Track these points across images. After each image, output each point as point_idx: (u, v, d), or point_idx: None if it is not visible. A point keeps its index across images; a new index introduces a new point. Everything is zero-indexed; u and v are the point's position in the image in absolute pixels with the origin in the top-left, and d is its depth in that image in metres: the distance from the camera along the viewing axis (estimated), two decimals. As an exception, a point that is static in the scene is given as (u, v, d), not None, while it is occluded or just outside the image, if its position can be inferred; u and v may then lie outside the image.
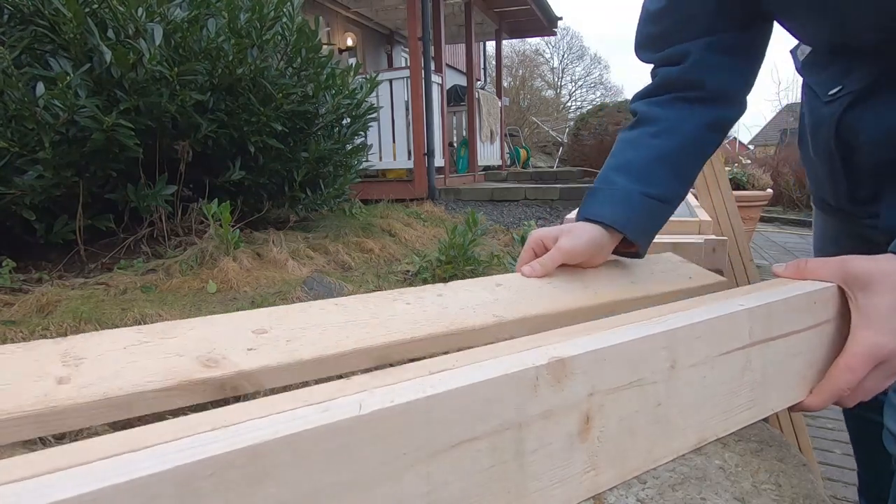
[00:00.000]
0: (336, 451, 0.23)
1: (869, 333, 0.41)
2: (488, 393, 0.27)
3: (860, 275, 0.43)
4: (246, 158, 3.01)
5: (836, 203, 0.72)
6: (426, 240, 3.86)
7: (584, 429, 0.31)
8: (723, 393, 0.39)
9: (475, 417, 0.27)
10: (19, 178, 2.12)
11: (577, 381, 0.31)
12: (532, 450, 0.29)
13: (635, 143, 0.62)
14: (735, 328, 0.39)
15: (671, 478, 0.37)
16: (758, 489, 0.40)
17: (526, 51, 20.79)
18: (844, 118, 0.61)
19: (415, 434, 0.25)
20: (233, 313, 0.42)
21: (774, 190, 5.77)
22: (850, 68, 0.62)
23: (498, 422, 0.28)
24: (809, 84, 0.70)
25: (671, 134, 0.60)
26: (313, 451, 0.22)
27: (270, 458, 0.21)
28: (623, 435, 0.33)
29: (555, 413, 0.30)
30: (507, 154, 8.96)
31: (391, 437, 0.24)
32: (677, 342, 0.35)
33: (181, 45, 2.54)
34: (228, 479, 0.20)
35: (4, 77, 1.97)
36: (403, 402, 0.25)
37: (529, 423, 0.29)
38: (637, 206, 0.57)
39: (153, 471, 0.19)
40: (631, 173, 0.59)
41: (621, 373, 0.33)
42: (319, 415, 0.23)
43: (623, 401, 0.33)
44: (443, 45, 6.11)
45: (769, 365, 0.41)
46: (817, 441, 1.81)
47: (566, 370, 0.30)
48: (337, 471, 0.23)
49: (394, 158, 5.73)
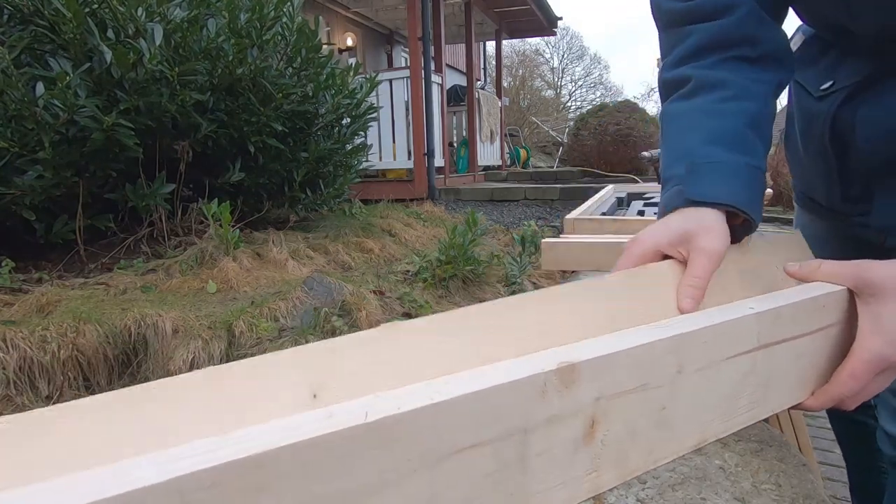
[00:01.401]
0: (341, 459, 0.22)
1: (878, 341, 0.41)
2: (495, 399, 0.27)
3: (877, 281, 0.42)
4: (246, 158, 3.01)
5: (827, 203, 0.70)
6: (426, 240, 3.86)
7: (589, 433, 0.31)
8: (726, 395, 0.38)
9: (481, 424, 0.26)
10: (19, 178, 2.12)
11: (584, 386, 0.30)
12: (536, 454, 0.29)
13: (713, 111, 0.53)
14: (743, 332, 0.38)
15: (671, 478, 0.37)
16: (758, 489, 0.40)
17: (526, 51, 20.80)
18: (840, 114, 0.60)
19: (420, 441, 0.24)
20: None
21: (774, 190, 5.76)
22: (842, 62, 0.60)
23: (503, 428, 0.27)
24: (798, 80, 0.68)
25: (748, 98, 0.52)
26: (317, 459, 0.22)
27: (273, 467, 0.20)
28: (626, 438, 0.33)
29: (561, 418, 0.30)
30: (507, 154, 8.96)
31: (396, 444, 0.24)
32: (685, 347, 0.35)
33: (181, 45, 2.54)
34: (230, 489, 0.20)
35: (4, 77, 1.97)
36: (410, 409, 0.24)
37: (535, 429, 0.29)
38: (748, 180, 0.49)
39: (151, 482, 0.18)
40: (727, 144, 0.50)
41: (628, 378, 0.32)
42: (324, 422, 0.23)
43: (628, 405, 0.33)
44: (443, 45, 6.11)
45: (774, 367, 0.41)
46: (817, 441, 1.81)
47: (575, 375, 0.30)
48: (340, 479, 0.22)
49: (394, 158, 5.72)
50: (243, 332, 1.87)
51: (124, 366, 1.81)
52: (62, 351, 1.66)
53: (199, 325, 1.87)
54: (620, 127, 8.13)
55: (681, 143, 0.53)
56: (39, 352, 1.63)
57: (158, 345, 1.81)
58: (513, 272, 2.87)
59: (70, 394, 1.65)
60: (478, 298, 2.69)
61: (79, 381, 1.69)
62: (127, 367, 1.81)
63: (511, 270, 2.88)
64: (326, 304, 2.10)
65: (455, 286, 2.69)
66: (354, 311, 2.08)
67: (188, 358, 1.75)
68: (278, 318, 1.99)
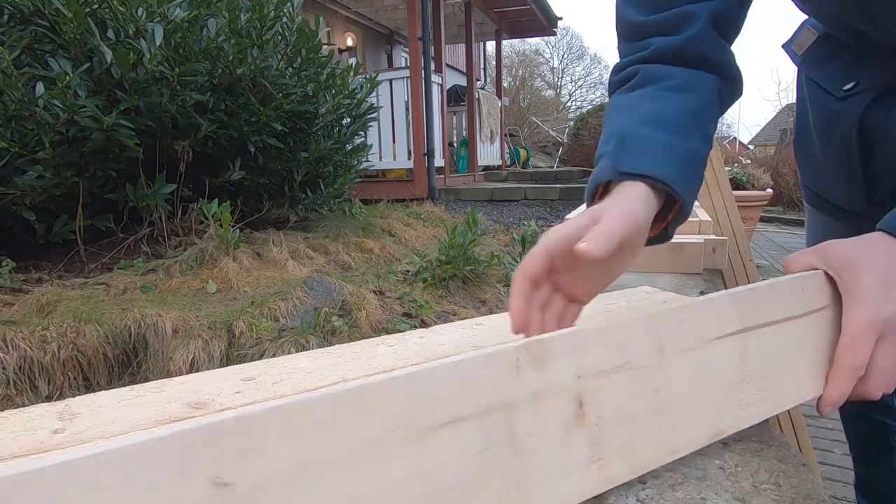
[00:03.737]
0: (323, 422, 0.24)
1: (858, 309, 0.41)
2: (469, 371, 0.28)
3: (842, 257, 0.43)
4: (246, 158, 3.01)
5: (849, 206, 0.67)
6: (426, 240, 3.86)
7: (579, 413, 0.32)
8: (727, 381, 0.38)
9: (460, 395, 0.27)
10: (19, 178, 2.12)
11: (560, 363, 0.31)
12: (527, 433, 0.29)
13: (654, 96, 0.51)
14: (720, 312, 0.38)
15: (671, 478, 0.37)
16: (758, 489, 0.40)
17: (526, 51, 20.81)
18: (869, 115, 0.57)
19: (402, 410, 0.26)
20: (223, 368, 0.48)
21: (774, 190, 5.77)
22: (863, 61, 0.58)
23: (484, 401, 0.28)
24: (813, 79, 0.66)
25: (693, 90, 0.51)
26: (302, 421, 0.23)
27: (261, 427, 0.22)
28: (624, 423, 0.33)
29: (544, 395, 0.30)
30: (507, 154, 8.96)
31: (377, 411, 0.25)
32: (657, 326, 0.35)
33: (181, 45, 2.54)
34: (223, 446, 0.21)
35: (4, 77, 1.97)
36: (386, 377, 0.25)
37: (518, 405, 0.29)
38: (682, 159, 0.47)
39: (153, 436, 0.20)
40: (666, 127, 0.48)
41: (607, 356, 0.33)
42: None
43: (615, 385, 0.33)
44: (443, 45, 6.11)
45: (771, 353, 0.41)
46: (817, 441, 1.81)
47: (546, 351, 0.31)
48: (327, 444, 0.24)
49: (394, 158, 5.73)
50: (243, 332, 1.87)
51: (124, 366, 1.81)
52: (62, 351, 1.66)
53: (199, 325, 1.87)
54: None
55: (616, 124, 0.51)
56: (39, 352, 1.63)
57: (158, 345, 1.81)
58: (513, 272, 2.87)
59: (70, 394, 1.65)
60: (478, 298, 2.69)
61: (79, 381, 1.69)
62: (127, 367, 1.81)
63: (511, 270, 2.88)
64: (326, 304, 2.11)
65: (455, 286, 2.69)
66: (354, 311, 2.08)
67: (188, 358, 1.75)
68: (278, 318, 1.99)
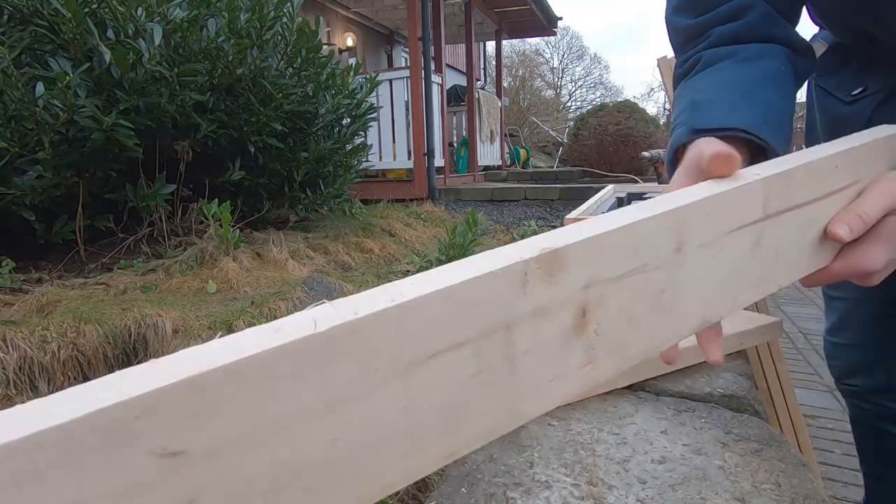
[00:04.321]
0: (292, 376, 0.20)
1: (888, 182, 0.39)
2: (468, 296, 0.23)
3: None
4: (246, 158, 3.01)
5: None
6: (426, 240, 3.86)
7: (580, 323, 0.28)
8: (731, 273, 0.35)
9: (455, 324, 0.23)
10: (19, 178, 2.12)
11: (571, 273, 0.27)
12: (524, 351, 0.26)
13: (725, 67, 0.48)
14: (748, 200, 0.34)
15: (671, 478, 0.37)
16: (758, 489, 0.40)
17: (526, 51, 20.81)
18: (877, 116, 0.58)
19: (386, 349, 0.22)
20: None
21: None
22: (870, 68, 0.59)
23: (482, 326, 0.24)
24: (823, 86, 0.67)
25: (764, 58, 0.48)
26: (262, 378, 0.19)
27: (213, 390, 0.18)
28: (622, 325, 0.30)
29: (548, 309, 0.26)
30: (507, 154, 8.96)
31: (357, 354, 0.21)
32: (685, 221, 0.31)
33: (181, 45, 2.54)
34: (167, 416, 0.17)
35: (4, 77, 1.97)
36: (368, 313, 0.21)
37: (519, 324, 0.25)
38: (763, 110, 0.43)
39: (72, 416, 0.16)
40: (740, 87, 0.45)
41: (622, 260, 0.29)
42: (269, 336, 0.20)
43: (624, 290, 0.29)
44: (443, 45, 6.11)
45: (782, 239, 0.37)
46: (817, 441, 1.81)
47: (559, 262, 0.26)
48: (297, 397, 0.20)
49: (394, 158, 5.73)
50: (243, 332, 1.87)
51: (124, 366, 1.81)
52: (62, 351, 1.66)
53: (199, 324, 1.87)
54: (620, 127, 8.12)
55: (686, 99, 0.49)
56: (39, 352, 1.63)
57: (158, 345, 1.81)
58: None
59: (70, 394, 1.65)
60: (478, 298, 2.69)
61: (79, 380, 1.69)
62: (127, 367, 1.81)
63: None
64: (326, 304, 2.10)
65: (455, 286, 2.69)
66: (354, 311, 2.08)
67: (188, 358, 1.75)
68: (278, 318, 1.99)
